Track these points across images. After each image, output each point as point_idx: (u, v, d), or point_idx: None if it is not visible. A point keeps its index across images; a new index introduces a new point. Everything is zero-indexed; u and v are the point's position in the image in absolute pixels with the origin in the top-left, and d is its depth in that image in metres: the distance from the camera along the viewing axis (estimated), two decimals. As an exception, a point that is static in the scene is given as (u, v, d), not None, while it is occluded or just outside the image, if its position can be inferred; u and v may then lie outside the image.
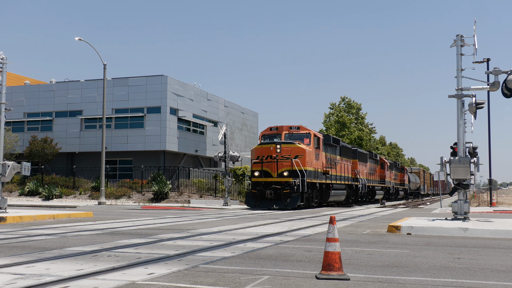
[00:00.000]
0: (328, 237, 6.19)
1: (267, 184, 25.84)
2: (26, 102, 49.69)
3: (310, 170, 26.57)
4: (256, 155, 26.53)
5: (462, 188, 15.17)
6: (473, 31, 15.57)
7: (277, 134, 27.42)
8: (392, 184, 52.81)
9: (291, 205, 25.07)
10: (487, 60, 26.78)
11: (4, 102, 18.07)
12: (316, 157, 27.95)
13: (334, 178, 31.59)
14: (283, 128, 27.60)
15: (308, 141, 27.10)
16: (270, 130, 28.02)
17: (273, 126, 28.11)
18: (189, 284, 5.59)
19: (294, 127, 27.45)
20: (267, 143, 26.56)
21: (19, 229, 12.85)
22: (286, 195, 25.25)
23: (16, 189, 40.33)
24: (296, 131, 27.37)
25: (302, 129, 27.55)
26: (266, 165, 25.97)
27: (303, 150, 26.02)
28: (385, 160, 49.76)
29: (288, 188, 25.30)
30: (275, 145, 25.90)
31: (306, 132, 27.43)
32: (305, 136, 27.24)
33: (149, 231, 12.35)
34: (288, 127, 27.53)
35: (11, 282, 5.60)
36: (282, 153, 25.72)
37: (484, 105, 16.12)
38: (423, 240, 10.86)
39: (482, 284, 5.80)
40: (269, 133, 27.94)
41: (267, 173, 26.01)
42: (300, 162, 25.52)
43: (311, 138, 27.32)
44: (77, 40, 32.10)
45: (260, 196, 25.76)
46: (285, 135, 27.21)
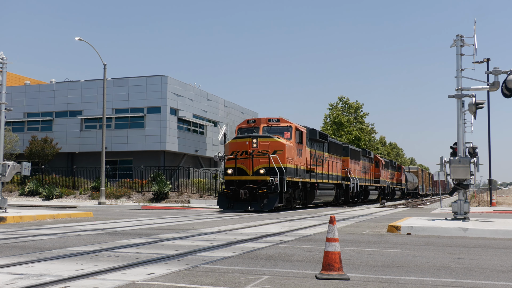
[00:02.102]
0: (328, 237, 6.19)
1: (241, 183, 23.10)
2: (26, 102, 49.68)
3: (291, 168, 23.97)
4: (230, 150, 23.85)
5: (462, 188, 15.17)
6: (473, 31, 15.58)
7: (254, 127, 24.75)
8: (387, 184, 50.82)
9: (268, 207, 22.44)
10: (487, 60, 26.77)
11: (4, 102, 18.08)
12: (299, 153, 25.31)
13: (320, 177, 28.93)
14: (261, 121, 24.95)
15: (289, 135, 24.48)
16: (247, 123, 25.47)
17: (251, 119, 25.76)
18: (189, 284, 5.59)
19: (273, 120, 24.79)
20: (242, 137, 23.87)
21: (19, 229, 12.85)
22: (263, 196, 22.53)
23: (16, 189, 40.32)
24: (275, 124, 24.67)
25: (283, 121, 24.89)
26: (240, 162, 23.29)
27: (283, 145, 23.35)
28: (379, 158, 47.65)
29: (265, 187, 22.59)
30: (251, 139, 23.16)
31: (287, 125, 24.75)
32: (286, 130, 24.61)
33: (149, 231, 12.35)
34: (266, 120, 24.87)
35: (11, 282, 5.60)
36: (258, 148, 23.03)
37: (484, 105, 16.12)
38: (423, 240, 10.86)
39: (482, 284, 5.80)
40: (246, 126, 25.31)
41: (241, 171, 23.28)
42: (279, 158, 22.84)
43: (292, 132, 24.67)
44: (77, 40, 32.10)
45: (234, 197, 23.05)
46: (263, 129, 24.57)
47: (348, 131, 62.91)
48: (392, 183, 54.48)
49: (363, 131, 64.89)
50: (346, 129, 63.17)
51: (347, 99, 66.68)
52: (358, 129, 64.16)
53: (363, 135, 64.34)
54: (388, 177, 51.80)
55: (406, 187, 63.55)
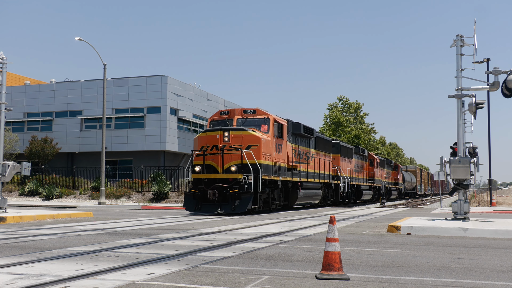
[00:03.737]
0: (328, 237, 6.19)
1: (210, 182, 20.48)
2: (26, 102, 49.70)
3: (267, 165, 21.37)
4: (199, 145, 21.17)
5: (462, 188, 15.18)
6: (473, 31, 15.58)
7: (228, 119, 22.34)
8: (383, 183, 48.38)
9: (240, 209, 19.81)
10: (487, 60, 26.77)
11: (4, 102, 18.08)
12: (278, 149, 22.75)
13: (304, 175, 26.39)
14: (236, 112, 22.49)
15: (266, 128, 21.96)
16: (220, 114, 22.99)
17: (224, 110, 23.17)
18: (189, 284, 5.59)
19: (249, 111, 22.33)
20: (212, 130, 21.31)
21: (19, 229, 12.85)
22: (234, 196, 19.90)
23: (16, 189, 40.34)
24: (251, 115, 22.19)
25: (259, 113, 22.39)
26: (210, 158, 20.66)
27: (258, 139, 20.72)
28: (374, 157, 45.23)
29: (236, 187, 19.99)
30: (222, 132, 20.58)
31: (264, 117, 22.23)
32: (263, 122, 22.10)
33: (149, 231, 12.35)
34: (241, 111, 22.46)
35: (11, 282, 5.60)
36: (231, 143, 20.48)
37: (484, 105, 16.13)
38: (423, 240, 10.86)
39: (482, 284, 5.80)
40: (218, 119, 22.80)
41: (211, 168, 20.66)
42: (253, 153, 20.24)
43: (270, 125, 22.09)
44: (77, 40, 32.11)
45: (202, 198, 20.40)
46: (237, 121, 22.10)
47: (347, 131, 62.93)
48: (388, 182, 52.36)
49: (363, 131, 64.91)
50: (345, 128, 63.19)
51: (346, 99, 66.73)
52: (358, 129, 64.18)
53: (363, 135, 64.35)
54: (384, 176, 49.75)
55: (404, 186, 61.67)
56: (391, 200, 51.48)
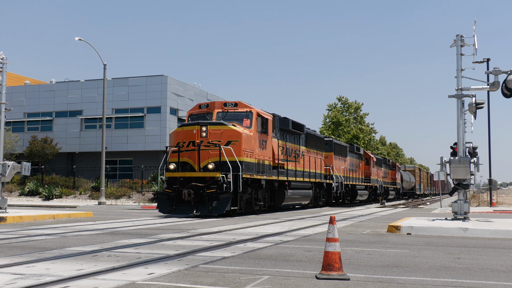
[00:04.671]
0: (328, 237, 6.19)
1: (186, 181, 18.66)
2: (26, 102, 49.72)
3: (249, 162, 19.61)
4: (175, 141, 19.46)
5: (462, 188, 15.18)
6: (473, 31, 15.58)
7: (207, 113, 20.66)
8: (380, 183, 46.78)
9: (218, 210, 18.02)
10: (487, 60, 26.77)
11: (4, 102, 18.08)
12: (262, 145, 20.96)
13: (293, 174, 24.77)
14: (216, 105, 20.75)
15: (248, 123, 20.17)
16: (199, 108, 21.27)
17: (203, 103, 21.47)
18: (189, 284, 5.59)
19: (230, 104, 20.64)
20: (189, 124, 19.61)
21: (19, 229, 12.85)
22: (211, 197, 18.10)
23: (16, 189, 40.35)
24: (232, 109, 20.48)
25: (241, 106, 20.64)
26: (186, 155, 18.91)
27: (238, 134, 19.02)
28: (370, 155, 43.64)
29: (214, 186, 18.27)
30: (199, 126, 18.86)
31: (246, 111, 20.46)
32: (245, 116, 20.36)
33: (149, 231, 12.35)
34: (221, 104, 20.75)
35: (11, 282, 5.60)
36: (209, 138, 18.76)
37: (484, 105, 16.13)
38: (423, 240, 10.87)
39: (482, 284, 5.80)
40: (197, 112, 21.11)
41: (188, 166, 18.90)
42: (233, 150, 18.52)
43: (253, 119, 20.29)
44: (77, 40, 32.12)
45: (176, 198, 18.61)
46: (217, 115, 20.39)
47: (347, 131, 62.95)
48: (386, 182, 50.86)
49: (363, 131, 64.93)
50: (345, 129, 63.20)
51: (346, 99, 66.77)
52: (358, 129, 64.20)
53: (363, 134, 64.36)
54: (381, 175, 48.30)
55: (402, 186, 60.31)
56: (389, 201, 50.39)
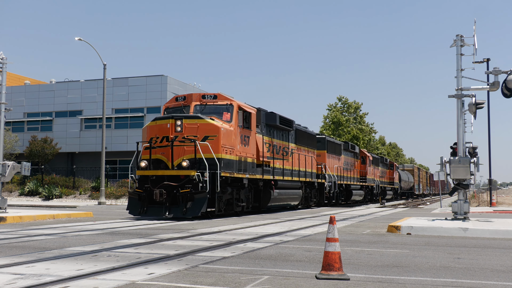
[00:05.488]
0: (328, 237, 6.19)
1: (158, 180, 17.14)
2: (26, 102, 49.74)
3: (229, 159, 18.12)
4: (148, 136, 17.87)
5: (462, 188, 15.19)
6: (473, 31, 15.59)
7: (184, 106, 19.06)
8: (376, 183, 45.42)
9: (193, 212, 16.58)
10: (487, 60, 26.78)
11: (4, 102, 18.08)
12: (244, 141, 19.36)
13: (280, 173, 23.15)
14: (193, 98, 19.06)
15: (228, 117, 18.58)
16: (176, 100, 19.64)
17: (180, 95, 19.75)
18: (189, 284, 5.60)
19: (208, 96, 18.98)
20: (163, 118, 18.08)
21: (19, 229, 12.85)
22: (186, 197, 16.64)
23: (16, 189, 40.36)
24: (211, 101, 18.84)
25: (221, 98, 18.98)
26: (160, 151, 17.44)
27: (216, 129, 17.49)
28: (367, 154, 42.22)
29: (189, 185, 16.77)
30: (174, 120, 17.32)
31: (226, 103, 18.82)
32: (225, 109, 18.72)
33: (149, 231, 12.35)
34: (200, 96, 19.06)
35: (11, 282, 5.60)
36: (184, 133, 17.25)
37: (484, 105, 16.14)
38: (423, 240, 10.87)
39: (482, 284, 5.80)
40: (174, 105, 19.52)
41: (161, 163, 17.43)
42: (210, 146, 16.97)
43: (234, 112, 18.67)
44: (77, 40, 32.14)
45: (148, 199, 17.03)
46: (195, 108, 18.74)
47: (347, 131, 62.98)
48: (383, 182, 49.43)
49: (362, 131, 64.96)
50: (345, 128, 63.23)
51: (346, 99, 66.82)
52: (358, 129, 64.23)
53: (362, 134, 64.38)
54: (378, 175, 46.97)
55: (400, 186, 59.02)
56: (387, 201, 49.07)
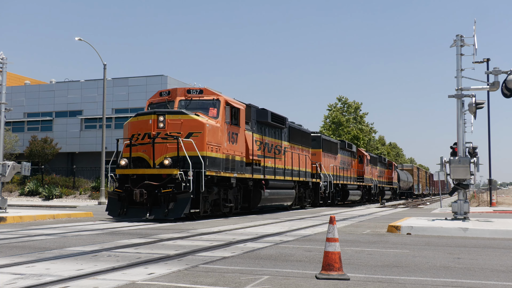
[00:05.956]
0: (328, 237, 6.19)
1: (140, 179, 16.13)
2: (26, 102, 49.74)
3: (215, 158, 17.08)
4: (129, 133, 16.98)
5: (462, 188, 15.19)
6: (473, 31, 15.59)
7: (169, 101, 18.02)
8: (374, 183, 44.54)
9: (175, 214, 15.50)
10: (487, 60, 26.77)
11: (4, 102, 18.08)
12: (231, 138, 18.43)
13: (271, 172, 22.14)
14: (178, 93, 18.07)
15: (215, 112, 17.63)
16: (160, 95, 18.59)
17: (165, 90, 18.78)
18: (189, 284, 5.60)
19: (194, 91, 18.01)
20: (145, 113, 17.15)
21: (19, 229, 12.85)
22: (168, 197, 15.62)
23: (16, 189, 40.36)
24: (197, 96, 17.89)
25: (207, 93, 18.00)
26: (141, 149, 16.54)
27: (201, 125, 16.50)
28: (364, 153, 41.54)
29: (172, 185, 15.76)
30: (156, 116, 16.48)
31: (213, 98, 17.84)
32: (211, 105, 17.77)
33: (149, 231, 12.35)
34: (185, 91, 18.04)
35: (11, 282, 5.60)
36: (167, 129, 16.36)
37: (484, 105, 16.14)
38: (423, 240, 10.87)
39: (482, 284, 5.80)
40: (158, 101, 18.52)
41: (143, 162, 16.51)
42: (194, 143, 16.04)
43: (221, 108, 17.70)
44: (77, 40, 32.13)
45: (128, 199, 16.03)
46: (179, 103, 17.79)
47: (347, 131, 63.01)
48: (381, 181, 48.58)
49: (362, 131, 64.99)
50: (345, 128, 63.26)
51: (345, 99, 66.86)
52: (358, 129, 64.25)
53: (362, 134, 64.42)
54: (376, 175, 46.02)
55: (399, 186, 58.17)
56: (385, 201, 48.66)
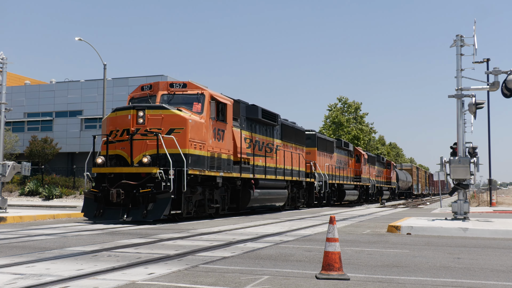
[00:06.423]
0: (328, 237, 6.19)
1: (117, 178, 15.15)
2: (26, 102, 49.74)
3: (199, 155, 16.11)
4: (108, 129, 16.04)
5: (462, 188, 15.20)
6: (473, 31, 15.59)
7: (151, 96, 17.03)
8: (372, 182, 43.84)
9: (154, 215, 14.51)
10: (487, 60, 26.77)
11: (4, 102, 18.08)
12: (217, 135, 17.37)
13: (262, 171, 21.18)
14: (160, 87, 17.03)
15: (199, 108, 16.59)
16: (142, 90, 17.51)
17: (146, 84, 17.58)
18: (189, 284, 5.60)
19: (177, 85, 16.99)
20: (124, 108, 16.20)
21: (19, 229, 12.85)
22: (146, 198, 14.58)
23: (16, 189, 40.35)
24: (180, 90, 16.87)
25: (192, 87, 16.96)
26: (119, 146, 15.57)
27: (183, 121, 15.54)
28: (361, 152, 40.70)
29: (151, 185, 14.79)
30: (136, 111, 15.46)
31: (197, 93, 16.77)
32: (195, 99, 16.69)
33: (149, 231, 12.36)
34: (167, 85, 17.07)
35: (11, 282, 5.60)
36: (147, 125, 15.38)
37: (484, 105, 16.16)
38: (423, 240, 10.87)
39: (482, 284, 5.80)
40: (139, 95, 17.46)
41: (120, 160, 15.54)
42: (176, 139, 15.04)
43: (205, 103, 16.64)
44: (77, 40, 32.15)
45: (105, 200, 15.07)
46: (161, 98, 16.80)
47: (347, 131, 63.04)
48: (379, 181, 47.93)
49: (363, 131, 65.02)
50: (345, 129, 63.29)
51: (346, 99, 66.90)
52: (358, 129, 64.28)
53: (363, 135, 64.45)
54: (374, 174, 45.41)
55: (397, 186, 57.61)
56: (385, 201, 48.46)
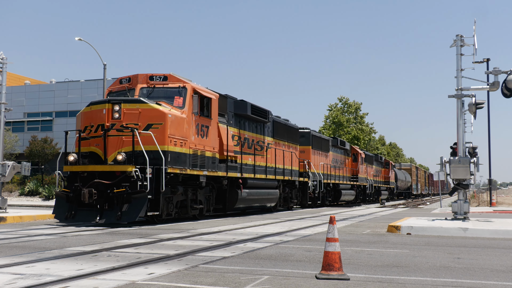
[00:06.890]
0: (328, 237, 6.19)
1: (91, 177, 14.13)
2: (26, 102, 49.73)
3: (180, 153, 15.07)
4: (82, 124, 15.07)
5: (462, 188, 15.19)
6: (473, 31, 15.59)
7: (129, 89, 15.94)
8: (370, 182, 43.02)
9: (129, 217, 13.45)
10: (487, 60, 26.77)
11: (4, 102, 18.08)
12: (200, 131, 16.24)
13: (251, 170, 20.27)
14: (139, 79, 15.95)
15: (181, 102, 15.59)
16: (120, 83, 16.43)
17: (125, 77, 16.38)
18: (189, 284, 5.60)
19: (158, 78, 15.93)
20: (98, 102, 15.20)
21: (19, 229, 12.85)
22: (121, 199, 13.58)
23: (16, 189, 40.36)
24: (161, 83, 15.85)
25: (173, 80, 15.94)
26: (93, 143, 14.64)
27: (162, 115, 14.52)
28: (359, 151, 39.73)
29: (126, 184, 13.75)
30: (111, 105, 14.50)
31: (179, 86, 15.76)
32: (177, 93, 15.66)
33: (149, 231, 12.35)
34: (147, 78, 15.93)
35: (11, 282, 5.60)
36: (123, 121, 14.39)
37: (484, 105, 16.16)
38: (423, 240, 10.87)
39: (482, 284, 5.80)
40: (118, 89, 16.42)
41: (94, 157, 14.58)
42: (154, 136, 14.06)
43: (187, 96, 15.58)
44: (77, 40, 32.13)
45: (77, 200, 13.97)
46: (141, 91, 15.74)
47: (347, 131, 63.04)
48: (377, 181, 47.08)
49: (363, 131, 65.01)
50: (345, 129, 63.28)
51: (346, 99, 66.90)
52: (358, 129, 64.27)
53: (363, 135, 64.45)
54: (372, 174, 44.57)
55: (396, 186, 56.87)
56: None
